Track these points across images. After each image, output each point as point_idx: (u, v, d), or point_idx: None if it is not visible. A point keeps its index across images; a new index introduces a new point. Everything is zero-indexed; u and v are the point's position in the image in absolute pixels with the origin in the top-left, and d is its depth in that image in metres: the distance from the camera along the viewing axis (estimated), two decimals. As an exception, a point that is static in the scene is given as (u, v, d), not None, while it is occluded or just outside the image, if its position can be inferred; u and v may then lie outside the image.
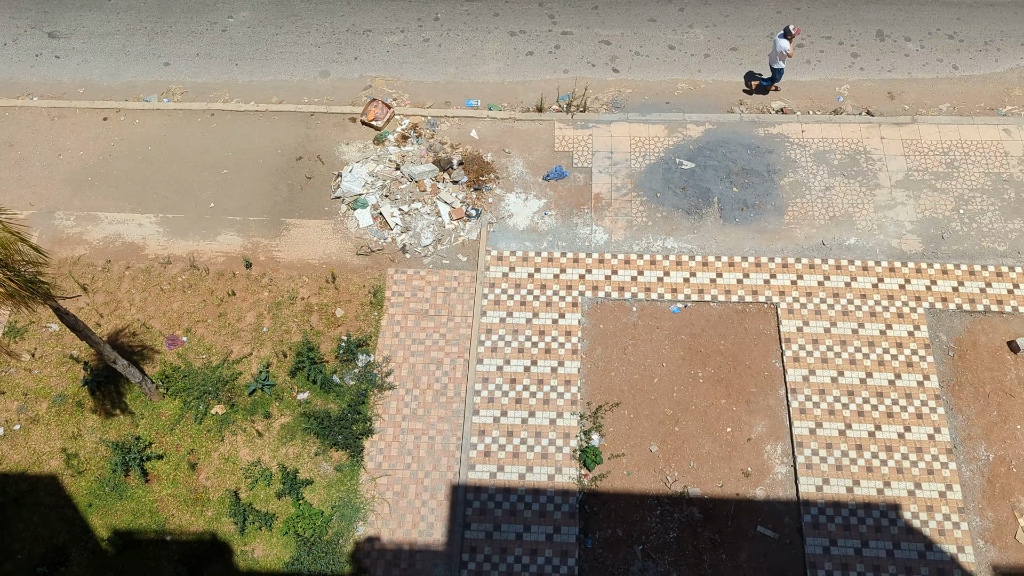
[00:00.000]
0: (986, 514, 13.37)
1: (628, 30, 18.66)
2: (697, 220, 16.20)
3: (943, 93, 17.61)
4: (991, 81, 17.66)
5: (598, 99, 17.83)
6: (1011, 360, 14.57)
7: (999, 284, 15.29)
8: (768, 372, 14.70)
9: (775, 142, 17.02)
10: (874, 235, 15.91)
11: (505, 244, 16.10)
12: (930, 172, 16.55)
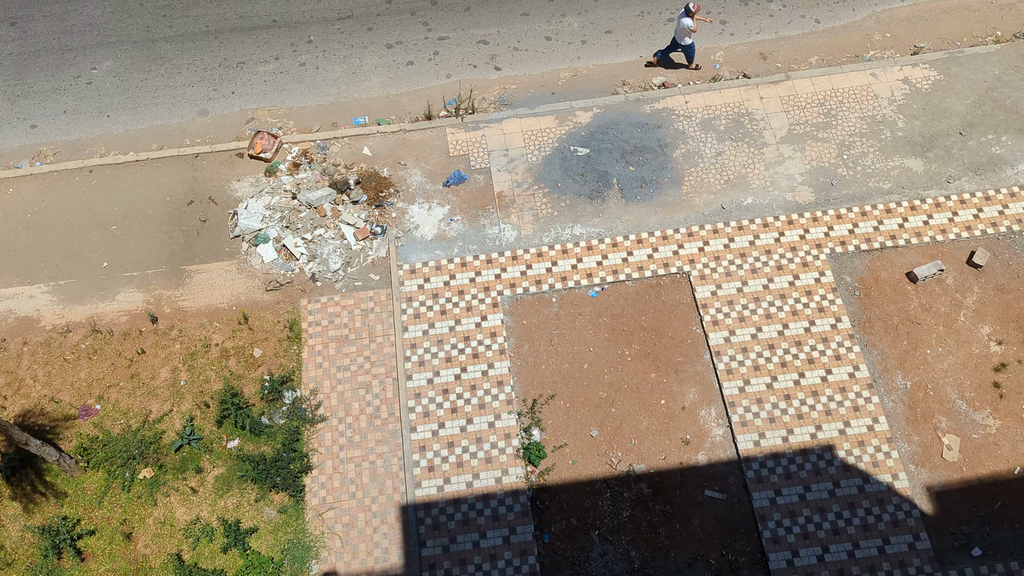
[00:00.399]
0: (912, 439, 14.00)
1: (504, 27, 18.78)
2: (600, 203, 16.42)
3: (810, 47, 18.33)
4: (852, 30, 18.49)
5: (485, 99, 17.87)
6: (912, 290, 15.29)
7: (890, 220, 16.02)
8: (691, 340, 15.02)
9: (662, 117, 17.41)
10: (769, 192, 16.44)
11: (416, 256, 15.97)
12: (811, 124, 17.21)
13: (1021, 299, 15.08)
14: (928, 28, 18.34)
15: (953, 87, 17.36)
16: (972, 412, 14.15)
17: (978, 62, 17.63)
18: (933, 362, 14.61)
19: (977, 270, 15.40)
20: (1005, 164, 16.42)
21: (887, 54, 18.08)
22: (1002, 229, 15.77)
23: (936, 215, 16.00)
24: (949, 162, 16.52)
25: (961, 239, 15.73)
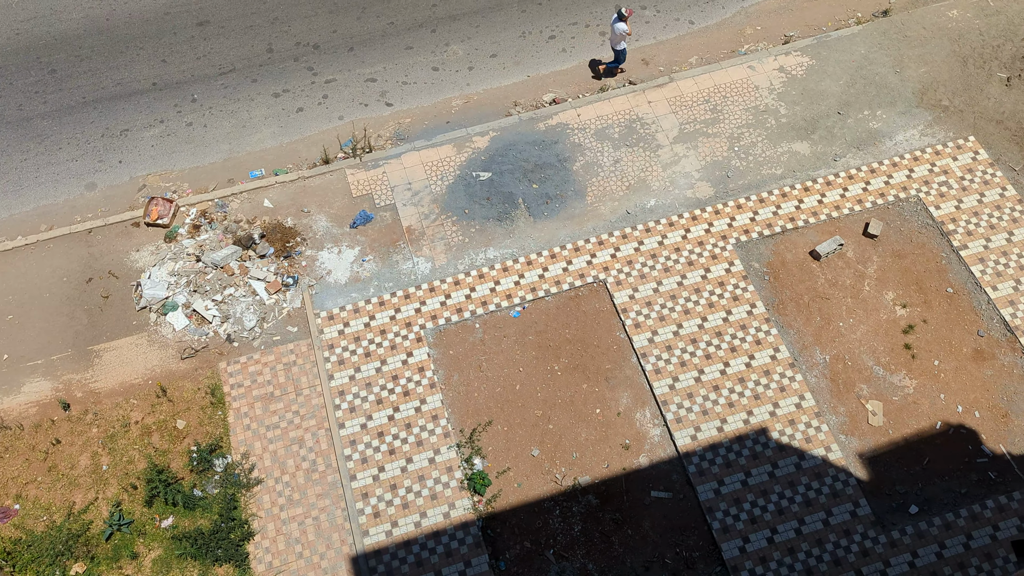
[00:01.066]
0: (839, 410, 14.49)
1: (389, 63, 18.79)
2: (510, 224, 16.53)
3: (689, 48, 18.95)
4: (725, 27, 19.20)
5: (381, 136, 17.82)
6: (816, 267, 15.88)
7: (786, 204, 16.62)
8: (616, 345, 15.21)
9: (557, 132, 17.68)
10: (669, 192, 16.85)
11: (332, 302, 15.73)
12: (699, 121, 17.75)
13: (916, 262, 15.83)
14: (794, 17, 19.20)
15: (826, 70, 18.20)
16: (889, 376, 14.74)
17: (844, 44, 18.54)
18: (847, 333, 15.17)
19: (873, 240, 16.11)
20: (883, 137, 17.27)
21: (760, 46, 18.84)
22: (890, 199, 16.55)
23: (828, 193, 16.69)
24: (833, 141, 17.28)
25: (855, 213, 16.44)
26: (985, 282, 15.53)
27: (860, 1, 19.34)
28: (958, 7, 18.89)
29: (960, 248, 15.90)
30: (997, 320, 15.20)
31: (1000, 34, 18.39)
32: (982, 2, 18.92)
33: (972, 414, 14.37)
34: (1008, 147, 17.09)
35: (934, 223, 16.24)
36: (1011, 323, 15.11)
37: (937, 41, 18.40)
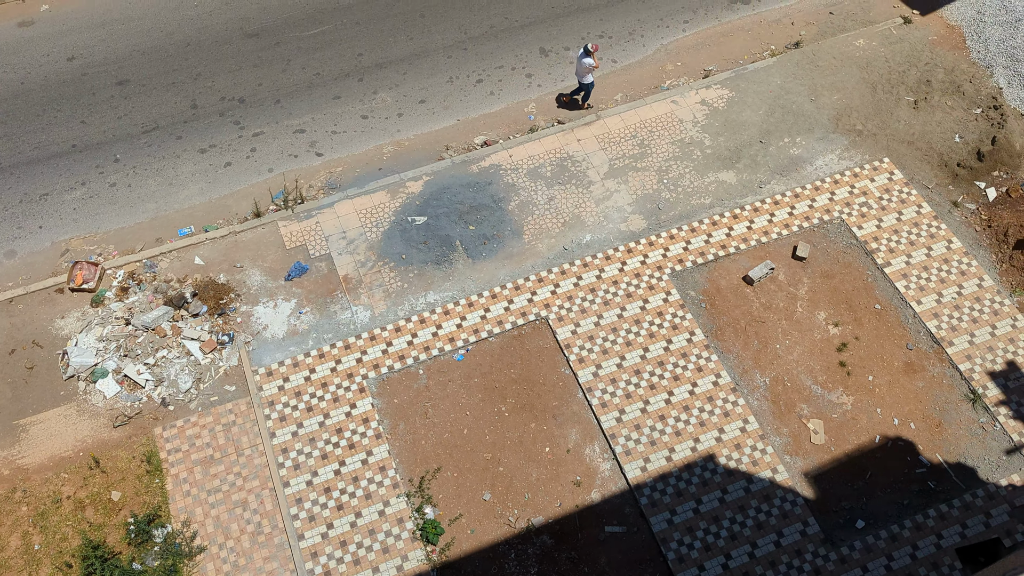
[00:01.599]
0: (782, 431, 14.72)
1: (317, 113, 18.74)
2: (448, 267, 16.51)
3: (613, 86, 19.38)
4: (647, 64, 19.72)
5: (312, 186, 17.69)
6: (751, 292, 16.22)
7: (717, 232, 17.00)
8: (562, 382, 15.22)
9: (491, 173, 17.82)
10: (604, 226, 17.09)
11: (270, 358, 15.41)
12: (628, 156, 18.11)
13: (845, 281, 16.32)
14: (712, 52, 19.84)
15: (745, 101, 18.81)
16: (827, 394, 15.07)
17: (761, 76, 19.22)
18: (784, 355, 15.49)
19: (802, 262, 16.56)
20: (804, 162, 17.87)
21: (682, 81, 19.39)
22: (815, 221, 17.08)
23: (756, 219, 17.14)
24: (757, 169, 17.80)
25: (783, 237, 16.90)
26: (910, 297, 16.08)
27: (773, 34, 20.11)
28: (864, 37, 19.79)
29: (884, 265, 16.46)
30: (924, 333, 15.72)
31: (904, 60, 19.31)
32: (886, 31, 19.87)
33: (908, 426, 14.76)
34: (920, 166, 17.86)
35: (858, 243, 16.80)
36: (937, 335, 15.65)
37: (847, 69, 19.21)
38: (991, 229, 17.00)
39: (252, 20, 20.04)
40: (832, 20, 20.25)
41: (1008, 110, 18.41)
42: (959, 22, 19.95)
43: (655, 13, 20.48)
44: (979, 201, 17.42)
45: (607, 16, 20.43)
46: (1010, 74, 18.85)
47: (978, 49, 19.39)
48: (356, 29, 20.01)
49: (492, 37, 20.04)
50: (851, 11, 20.38)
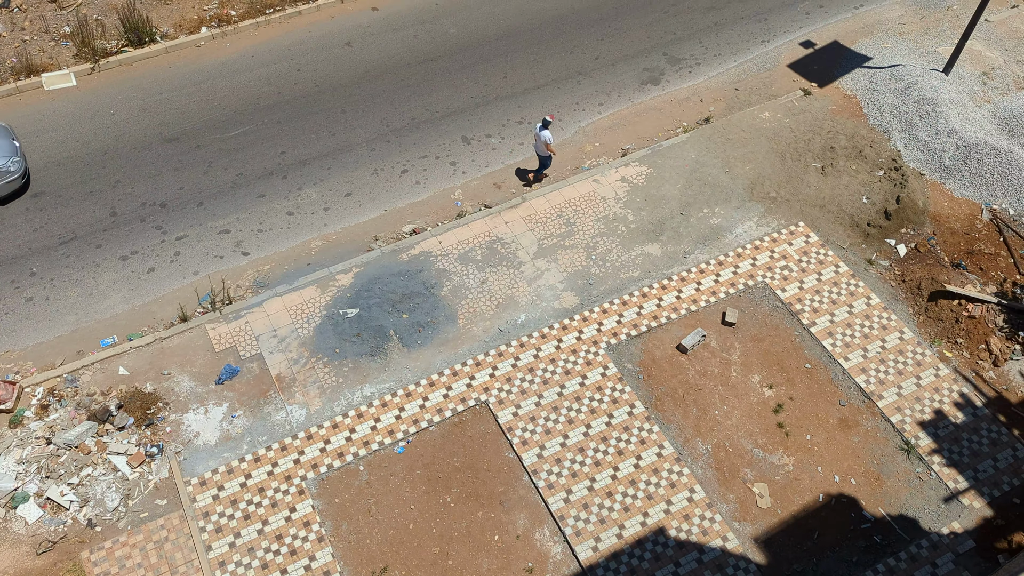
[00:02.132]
0: (728, 498, 14.74)
1: (242, 213, 18.63)
2: (383, 358, 16.33)
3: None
4: (566, 146, 20.31)
5: (240, 286, 17.43)
6: (685, 360, 16.45)
7: (648, 303, 17.30)
8: (507, 466, 15.02)
9: (421, 261, 17.88)
10: (538, 306, 17.23)
11: (203, 466, 14.83)
12: (556, 235, 18.43)
13: (775, 343, 16.72)
14: (628, 131, 20.59)
15: (663, 176, 19.46)
16: (769, 456, 15.22)
17: (676, 151, 19.98)
18: (723, 420, 15.65)
19: (732, 327, 16.93)
20: (725, 231, 18.47)
21: (601, 160, 20.00)
22: (740, 287, 17.56)
23: (684, 289, 17.53)
24: (680, 240, 18.30)
25: (711, 304, 17.29)
26: (837, 354, 16.53)
27: (684, 112, 21.01)
28: (769, 110, 20.84)
29: (810, 325, 16.95)
30: (854, 388, 16.12)
31: (808, 129, 20.36)
32: (788, 104, 20.97)
33: (849, 482, 14.96)
34: (834, 228, 18.65)
35: (783, 305, 17.29)
36: (866, 389, 16.06)
37: (756, 141, 20.13)
38: (905, 283, 17.74)
39: (171, 125, 20.02)
40: (738, 96, 21.30)
41: (908, 170, 19.48)
42: (854, 92, 21.21)
43: (571, 98, 21.22)
44: (891, 257, 18.21)
45: (525, 103, 21.07)
46: (906, 137, 20.02)
47: (874, 116, 20.60)
48: (278, 128, 20.17)
49: (414, 128, 20.42)
50: (755, 87, 21.49)
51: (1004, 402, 16.13)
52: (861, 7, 23.54)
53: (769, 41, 22.65)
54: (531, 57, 21.97)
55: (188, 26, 21.82)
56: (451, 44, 22.17)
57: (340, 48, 21.90)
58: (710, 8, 23.34)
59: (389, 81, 21.26)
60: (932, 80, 20.74)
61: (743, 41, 22.62)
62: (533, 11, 23.06)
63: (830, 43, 22.46)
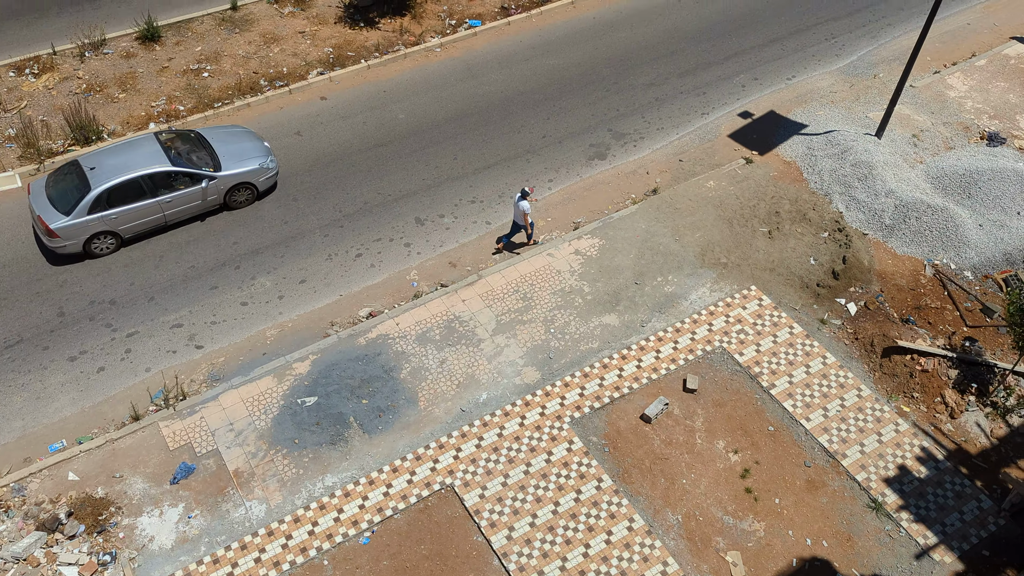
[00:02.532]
0: (702, 568, 14.52)
1: (195, 306, 18.38)
2: (344, 446, 15.99)
3: (491, 246, 20.02)
4: (519, 222, 20.57)
5: (194, 380, 17.06)
6: (650, 429, 16.40)
7: (609, 374, 17.32)
8: (476, 551, 14.65)
9: (379, 344, 17.73)
10: (499, 383, 17.12)
11: (159, 572, 14.18)
12: (514, 311, 18.48)
13: (736, 408, 16.79)
14: (579, 205, 20.95)
15: (616, 247, 19.76)
16: (740, 523, 15.09)
17: (627, 222, 20.35)
18: (691, 489, 15.54)
19: (694, 394, 16.98)
20: (679, 298, 18.71)
21: (554, 234, 20.25)
22: (699, 353, 17.70)
23: (644, 357, 17.61)
24: (637, 310, 18.48)
25: (672, 371, 17.37)
26: (798, 415, 16.65)
27: (632, 184, 21.50)
28: (713, 179, 21.44)
29: (769, 387, 17.09)
30: (818, 448, 16.19)
31: (753, 196, 20.95)
32: (732, 172, 21.61)
33: (821, 544, 14.87)
34: (785, 290, 19.02)
35: (742, 368, 17.45)
36: (830, 448, 16.14)
37: (704, 209, 20.63)
38: (859, 341, 18.07)
39: (121, 220, 19.86)
40: (682, 166, 21.90)
41: (851, 231, 20.08)
42: (794, 158, 21.97)
43: (521, 176, 21.60)
44: (843, 316, 18.58)
45: (476, 183, 21.39)
46: (846, 199, 20.70)
47: (815, 180, 21.31)
48: (229, 219, 20.10)
49: (367, 212, 20.53)
50: (698, 157, 22.14)
51: (964, 454, 16.32)
52: (793, 78, 24.61)
53: (709, 113, 23.46)
54: (480, 138, 22.41)
55: (136, 123, 21.88)
56: (400, 129, 22.54)
57: (290, 137, 22.11)
58: (650, 85, 24.19)
59: (340, 167, 21.46)
60: (866, 144, 21.60)
61: (684, 114, 23.40)
62: (480, 94, 23.64)
63: (767, 113, 23.34)
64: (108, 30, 24.36)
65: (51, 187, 18.77)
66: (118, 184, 18.43)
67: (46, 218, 18.19)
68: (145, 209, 18.95)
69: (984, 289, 18.96)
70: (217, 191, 19.74)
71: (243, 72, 23.49)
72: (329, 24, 25.19)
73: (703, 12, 26.62)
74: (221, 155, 19.93)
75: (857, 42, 25.92)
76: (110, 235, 18.93)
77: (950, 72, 24.77)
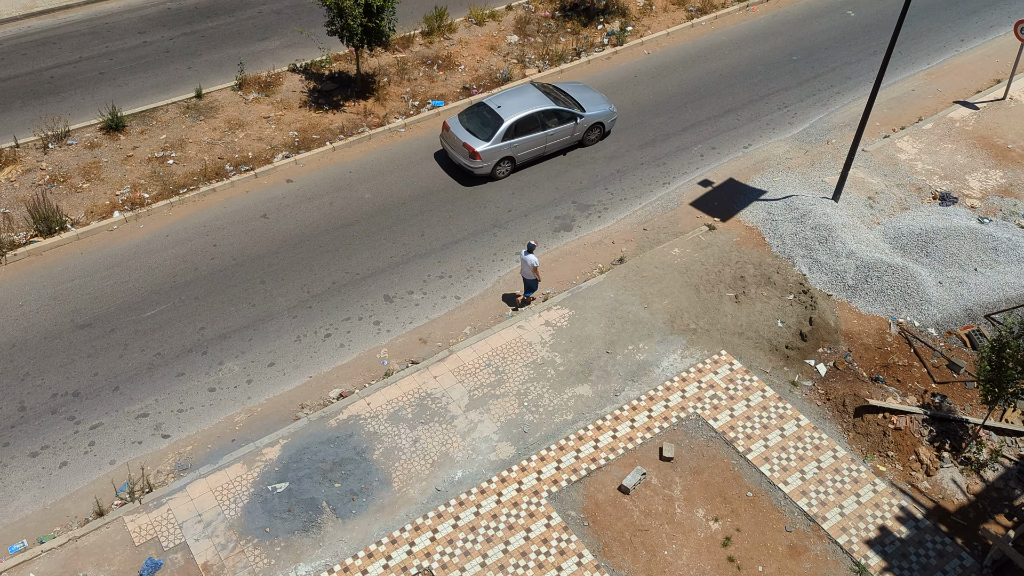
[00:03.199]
0: (690, 644, 14.18)
1: (161, 394, 18.02)
2: (317, 532, 15.56)
3: (461, 320, 20.01)
4: (488, 296, 20.62)
5: (160, 471, 16.59)
6: (628, 501, 16.19)
7: (585, 446, 17.16)
8: (456, 637, 14.17)
9: (350, 425, 17.46)
10: (474, 459, 16.87)
11: (124, 678, 13.51)
12: (486, 385, 18.36)
13: (714, 475, 16.67)
14: (547, 276, 21.10)
15: (586, 317, 19.85)
16: (724, 593, 14.83)
17: (595, 292, 20.50)
18: (674, 560, 15.27)
19: (671, 462, 16.86)
20: (651, 366, 18.75)
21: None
22: (673, 420, 17.65)
23: (619, 427, 17.51)
24: (609, 379, 18.46)
25: (648, 440, 17.27)
26: (776, 479, 16.56)
27: (598, 254, 21.75)
28: (678, 246, 21.78)
29: (746, 452, 17.03)
30: (798, 513, 16.07)
31: (718, 261, 21.27)
32: (695, 239, 21.99)
33: (808, 611, 14.63)
34: (755, 354, 19.16)
35: (717, 434, 17.40)
36: (810, 512, 16.03)
37: (670, 276, 20.88)
38: (830, 402, 18.16)
39: (83, 311, 19.56)
40: (647, 235, 22.25)
41: (815, 292, 20.41)
42: (755, 223, 22.44)
43: (488, 250, 21.77)
44: (813, 377, 18.72)
45: (444, 258, 21.50)
46: (809, 262, 21.10)
47: (777, 244, 21.73)
48: (196, 304, 19.93)
49: (336, 292, 20.48)
50: (662, 225, 22.53)
51: (943, 511, 16.30)
52: (750, 146, 25.33)
53: (670, 183, 23.99)
54: (446, 214, 22.63)
55: (100, 211, 21.81)
56: (367, 208, 22.71)
57: (256, 221, 22.15)
58: (611, 157, 24.73)
59: (307, 248, 21.47)
60: (824, 207, 22.15)
61: (645, 184, 23.89)
62: (443, 172, 23.97)
63: (726, 180, 23.92)
64: (72, 121, 24.47)
65: (466, 123, 23.29)
66: (523, 118, 23.01)
67: (472, 144, 22.71)
68: (536, 139, 23.46)
69: (949, 345, 19.26)
70: (581, 129, 24.19)
71: (208, 158, 23.64)
72: (294, 109, 25.56)
73: (659, 87, 27.48)
74: (580, 101, 24.38)
75: (809, 110, 26.85)
76: (509, 160, 23.45)
77: (899, 136, 25.69)
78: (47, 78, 26.04)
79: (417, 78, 27.09)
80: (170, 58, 27.29)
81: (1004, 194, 23.63)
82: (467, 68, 27.75)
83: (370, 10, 23.87)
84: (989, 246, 21.02)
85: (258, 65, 27.15)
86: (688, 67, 28.42)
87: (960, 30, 30.89)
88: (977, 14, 31.78)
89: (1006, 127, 26.15)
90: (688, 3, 31.38)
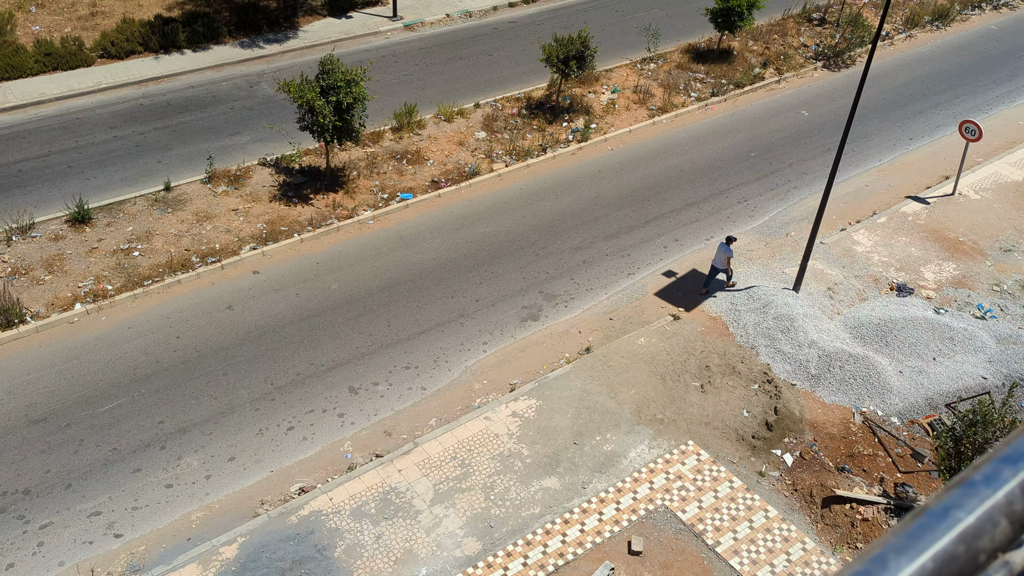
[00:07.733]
0: None
1: (115, 491, 17.43)
2: (274, 638, 14.87)
3: (427, 412, 19.80)
4: (455, 386, 20.50)
5: (111, 573, 15.89)
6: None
7: (552, 540, 16.80)
8: None
9: (311, 521, 16.96)
10: (439, 556, 16.41)
11: None
12: (452, 478, 18.03)
13: (684, 569, 16.35)
14: (514, 367, 21.08)
15: (553, 407, 19.76)
16: None
17: (562, 382, 20.48)
18: (645, 661, 14.79)
19: (640, 556, 16.53)
20: (619, 456, 18.60)
21: (491, 397, 20.20)
22: (641, 512, 17.41)
23: (587, 520, 17.21)
24: (577, 471, 18.24)
25: (616, 534, 16.96)
26: (746, 572, 16.28)
27: (565, 344, 21.84)
28: (644, 336, 21.97)
29: (715, 545, 16.77)
30: (770, 607, 15.75)
31: (683, 351, 21.45)
32: (661, 329, 22.21)
33: None
34: (722, 444, 19.12)
35: (686, 527, 17.16)
36: (782, 607, 15.72)
37: (637, 366, 20.97)
38: (798, 492, 18.07)
39: (39, 405, 19.07)
40: (613, 325, 22.44)
41: (780, 382, 20.58)
42: (719, 314, 22.77)
43: (455, 340, 21.77)
44: (780, 468, 18.67)
45: (411, 348, 21.43)
46: (772, 351, 21.36)
47: (740, 334, 22.01)
48: (155, 397, 19.54)
49: (300, 384, 20.23)
50: (627, 315, 22.76)
51: (915, 603, 16.04)
52: (711, 238, 25.93)
53: (635, 273, 24.37)
54: (413, 304, 22.68)
55: (62, 304, 21.56)
56: (333, 299, 22.71)
57: (221, 312, 22.01)
58: (576, 248, 25.15)
59: (272, 340, 21.31)
60: (786, 298, 22.59)
61: (611, 275, 24.24)
62: (411, 263, 24.16)
63: (690, 271, 24.37)
64: (37, 214, 24.43)
65: None
66: None
67: None
68: None
69: (912, 434, 19.41)
70: None
71: (175, 249, 23.64)
72: (263, 201, 25.80)
73: (622, 181, 28.25)
74: None
75: (767, 204, 27.69)
76: None
77: (855, 229, 26.51)
78: (14, 171, 26.12)
79: (387, 171, 27.60)
80: (140, 152, 27.58)
81: (958, 285, 24.31)
82: (436, 162, 28.37)
83: (340, 108, 24.49)
84: (946, 336, 21.48)
85: (228, 159, 27.52)
86: (650, 163, 29.32)
87: (908, 129, 32.37)
88: (924, 115, 33.39)
89: (956, 221, 27.14)
90: (649, 102, 32.62)
